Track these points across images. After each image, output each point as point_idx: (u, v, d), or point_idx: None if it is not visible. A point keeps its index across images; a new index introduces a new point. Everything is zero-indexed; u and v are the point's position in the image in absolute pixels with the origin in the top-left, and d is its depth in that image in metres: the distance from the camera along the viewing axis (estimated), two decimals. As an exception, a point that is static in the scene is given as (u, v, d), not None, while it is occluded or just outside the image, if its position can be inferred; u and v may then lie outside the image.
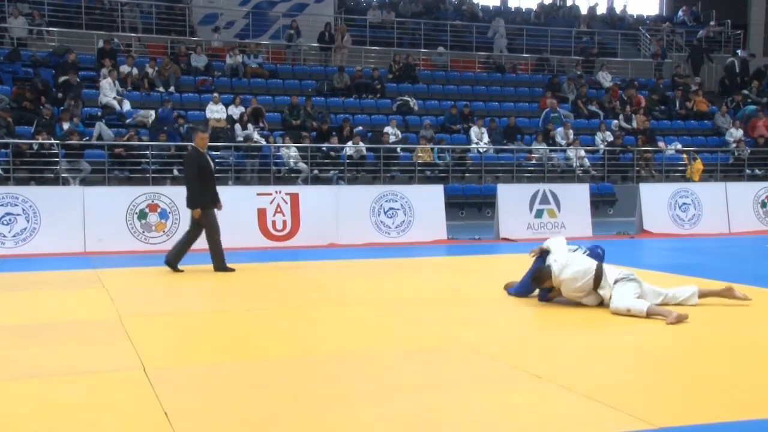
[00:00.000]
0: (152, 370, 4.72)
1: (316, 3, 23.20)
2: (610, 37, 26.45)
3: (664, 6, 31.75)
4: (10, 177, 14.34)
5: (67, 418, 3.91)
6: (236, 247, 12.09)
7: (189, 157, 9.54)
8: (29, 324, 6.34)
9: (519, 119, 19.82)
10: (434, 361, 5.04)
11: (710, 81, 25.46)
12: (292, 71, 21.12)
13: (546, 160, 18.35)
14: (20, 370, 4.84)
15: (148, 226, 12.00)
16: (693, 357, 5.16)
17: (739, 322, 6.34)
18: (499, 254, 11.95)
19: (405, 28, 24.09)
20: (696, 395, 4.26)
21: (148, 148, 15.41)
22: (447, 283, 8.98)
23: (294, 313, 6.79)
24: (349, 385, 4.49)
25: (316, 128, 17.47)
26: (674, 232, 14.54)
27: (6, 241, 11.43)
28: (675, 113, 22.15)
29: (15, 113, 15.90)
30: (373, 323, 6.36)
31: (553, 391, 4.30)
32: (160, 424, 3.76)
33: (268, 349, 5.44)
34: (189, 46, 20.42)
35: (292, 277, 9.39)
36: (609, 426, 3.76)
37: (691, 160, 18.79)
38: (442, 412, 3.94)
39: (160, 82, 18.47)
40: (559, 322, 6.33)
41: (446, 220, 13.69)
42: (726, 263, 10.74)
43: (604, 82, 23.16)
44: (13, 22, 19.46)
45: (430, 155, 17.48)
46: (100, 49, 18.97)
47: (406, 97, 20.02)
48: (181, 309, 6.96)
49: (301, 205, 12.77)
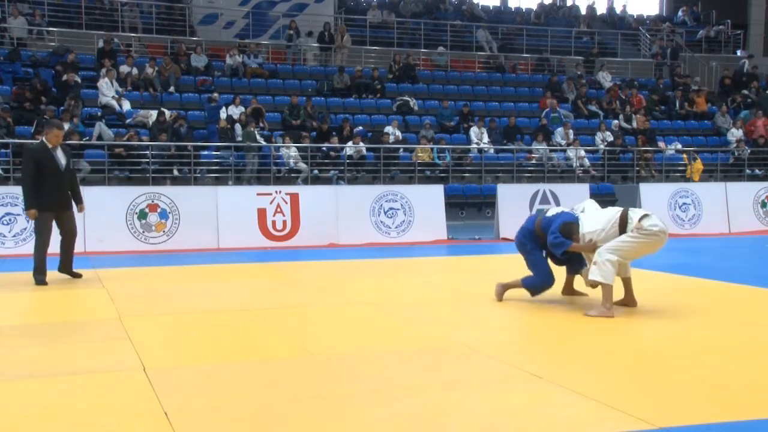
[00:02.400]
0: (152, 370, 4.71)
1: (316, 3, 23.20)
2: (610, 37, 26.46)
3: (664, 6, 31.79)
4: (10, 177, 14.34)
5: (67, 418, 3.91)
6: (236, 247, 12.12)
7: (27, 151, 8.61)
8: (29, 324, 6.34)
9: (519, 119, 19.83)
10: (434, 361, 5.04)
11: (710, 81, 25.47)
12: (292, 71, 21.13)
13: (546, 160, 18.35)
14: (20, 370, 4.84)
15: (148, 226, 12.00)
16: (693, 357, 5.16)
17: (739, 322, 6.34)
18: (499, 254, 11.94)
19: (405, 28, 24.09)
20: (696, 395, 4.26)
21: (148, 148, 15.41)
22: (447, 283, 8.98)
23: (294, 313, 6.79)
24: (349, 385, 4.49)
25: (316, 128, 17.46)
26: (674, 232, 14.52)
27: (6, 241, 11.44)
28: (675, 113, 22.16)
29: (15, 113, 15.90)
30: (373, 323, 6.36)
31: (553, 391, 4.29)
32: (160, 424, 3.76)
33: (267, 349, 5.44)
34: (189, 46, 20.42)
35: (292, 277, 9.39)
36: (609, 426, 3.76)
37: (691, 160, 18.79)
38: (442, 412, 3.94)
39: (160, 82, 18.47)
40: (559, 322, 6.33)
41: (446, 220, 13.70)
42: (726, 263, 10.73)
43: (604, 82, 23.17)
44: (13, 22, 19.46)
45: (430, 155, 17.48)
46: (100, 49, 18.98)
47: (406, 97, 20.03)
48: (181, 309, 6.96)
49: (301, 205, 12.78)
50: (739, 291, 7.89)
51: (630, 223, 6.45)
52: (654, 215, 6.52)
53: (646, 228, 6.39)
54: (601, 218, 6.65)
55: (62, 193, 8.58)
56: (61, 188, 8.54)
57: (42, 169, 8.36)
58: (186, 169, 15.66)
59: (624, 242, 6.42)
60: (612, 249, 6.41)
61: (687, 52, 26.06)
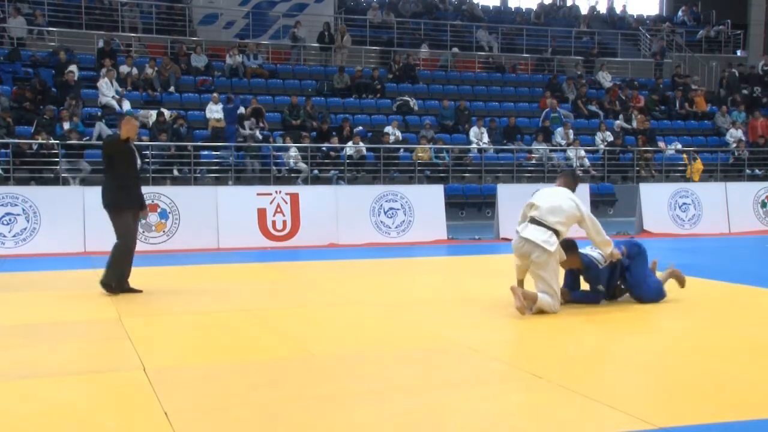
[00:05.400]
0: (152, 370, 4.71)
1: (316, 3, 23.20)
2: (610, 37, 26.46)
3: (664, 6, 31.79)
4: (10, 177, 14.34)
5: (67, 418, 3.91)
6: (236, 247, 12.11)
7: (103, 145, 8.23)
8: (29, 324, 6.34)
9: (519, 119, 19.83)
10: (434, 361, 5.04)
11: (710, 81, 25.47)
12: (292, 71, 21.13)
13: (546, 160, 18.35)
14: (20, 370, 4.83)
15: (148, 226, 11.99)
16: (693, 357, 5.16)
17: (739, 322, 6.34)
18: (499, 254, 11.93)
19: (405, 28, 24.09)
20: (696, 395, 4.26)
21: (148, 148, 15.41)
22: (447, 283, 8.98)
23: (294, 313, 6.79)
24: (349, 385, 4.49)
25: (316, 128, 17.47)
26: (674, 232, 14.54)
27: (6, 241, 11.43)
28: (675, 113, 22.16)
29: (15, 113, 15.91)
30: (373, 323, 6.36)
31: (553, 391, 4.29)
32: (160, 424, 3.76)
33: (268, 349, 5.44)
34: (189, 46, 20.42)
35: (292, 277, 9.39)
36: (609, 426, 3.76)
37: (691, 160, 18.79)
38: (442, 412, 3.94)
39: (160, 82, 18.47)
40: (560, 323, 6.32)
41: (446, 220, 13.69)
42: (726, 263, 10.73)
43: (604, 82, 23.17)
44: (13, 22, 19.46)
45: (430, 155, 17.48)
46: (100, 49, 18.98)
47: (406, 97, 20.04)
48: (181, 309, 6.96)
49: (301, 205, 12.77)
50: (739, 291, 7.89)
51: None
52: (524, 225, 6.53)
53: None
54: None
55: (138, 191, 7.97)
56: (136, 186, 7.92)
57: (115, 165, 7.70)
58: (186, 169, 15.66)
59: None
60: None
61: (687, 52, 26.06)
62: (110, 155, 7.73)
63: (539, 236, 6.30)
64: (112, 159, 7.71)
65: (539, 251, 6.28)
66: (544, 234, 6.31)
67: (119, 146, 7.72)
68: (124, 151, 7.72)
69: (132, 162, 7.80)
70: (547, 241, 6.27)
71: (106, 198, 7.78)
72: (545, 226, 6.35)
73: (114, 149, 7.74)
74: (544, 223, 6.37)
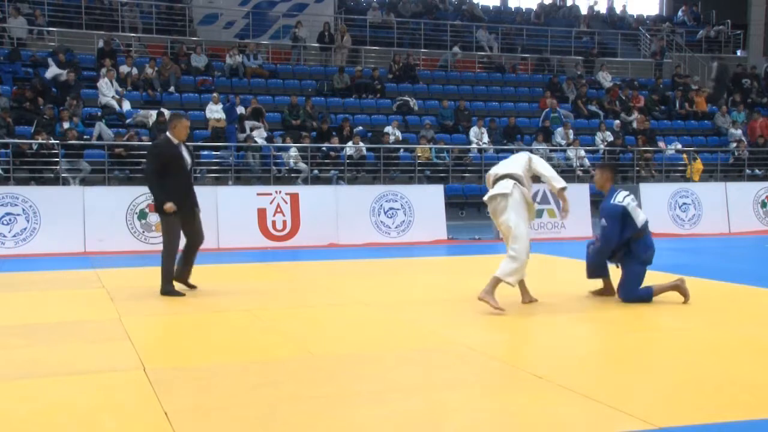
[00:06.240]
0: (152, 370, 4.71)
1: (316, 3, 23.21)
2: (610, 37, 26.46)
3: (664, 6, 31.79)
4: (10, 177, 14.34)
5: (67, 418, 3.91)
6: (236, 247, 12.12)
7: (153, 149, 7.96)
8: (29, 324, 6.33)
9: (519, 119, 19.83)
10: (434, 361, 5.04)
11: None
12: (292, 71, 21.13)
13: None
14: (20, 370, 4.83)
15: (148, 226, 12.00)
16: (693, 357, 5.16)
17: (739, 322, 6.34)
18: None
19: (405, 28, 24.09)
20: (696, 395, 4.26)
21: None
22: (447, 283, 8.97)
23: (294, 313, 6.79)
24: (349, 385, 4.49)
25: (316, 128, 17.47)
26: (674, 232, 14.54)
27: (6, 241, 11.43)
28: (675, 113, 22.16)
29: (15, 113, 15.90)
30: (373, 323, 6.36)
31: (553, 391, 4.29)
32: (160, 424, 3.76)
33: (268, 349, 5.44)
34: (189, 46, 20.42)
35: (292, 277, 9.39)
36: (609, 426, 3.76)
37: (691, 160, 18.79)
38: (442, 412, 3.94)
39: (160, 82, 18.47)
40: (560, 323, 6.33)
41: (446, 220, 13.69)
42: (726, 263, 10.73)
43: (604, 82, 23.16)
44: (13, 22, 19.46)
45: (430, 155, 17.47)
46: (100, 49, 18.98)
47: (406, 97, 20.03)
48: (181, 309, 6.96)
49: (301, 205, 12.78)
50: (739, 291, 7.89)
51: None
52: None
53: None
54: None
55: (188, 193, 7.76)
56: (187, 188, 7.73)
57: (167, 168, 7.48)
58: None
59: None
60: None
61: (687, 52, 26.06)
62: (166, 163, 7.50)
63: (497, 189, 6.85)
64: (168, 166, 7.51)
65: (499, 198, 6.81)
66: (501, 185, 6.85)
67: (173, 150, 7.54)
68: (178, 155, 7.55)
69: (185, 165, 7.63)
70: (504, 186, 6.78)
71: (160, 202, 7.56)
72: (502, 179, 6.91)
73: (169, 157, 7.52)
74: (502, 178, 6.91)
